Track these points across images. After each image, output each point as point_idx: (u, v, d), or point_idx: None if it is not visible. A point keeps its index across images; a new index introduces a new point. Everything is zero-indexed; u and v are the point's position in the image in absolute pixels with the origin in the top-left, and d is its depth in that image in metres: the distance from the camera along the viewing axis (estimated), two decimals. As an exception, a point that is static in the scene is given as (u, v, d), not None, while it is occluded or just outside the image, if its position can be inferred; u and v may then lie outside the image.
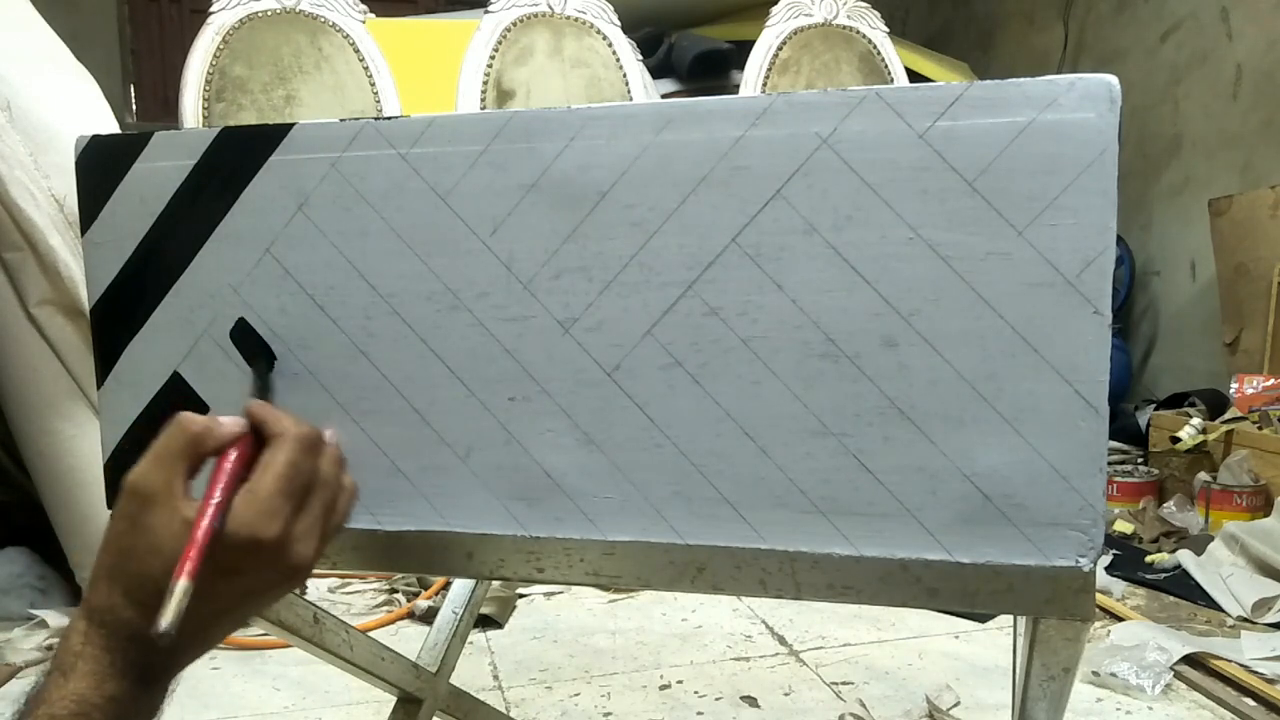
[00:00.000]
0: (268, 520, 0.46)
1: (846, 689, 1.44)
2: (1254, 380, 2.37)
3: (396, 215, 0.55)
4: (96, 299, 0.61)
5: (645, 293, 0.52)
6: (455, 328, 0.54)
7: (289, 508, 0.47)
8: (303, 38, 1.51)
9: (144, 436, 0.60)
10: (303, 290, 0.57)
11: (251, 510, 0.46)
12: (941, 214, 0.48)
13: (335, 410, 0.57)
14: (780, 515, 0.51)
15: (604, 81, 1.63)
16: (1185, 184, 3.06)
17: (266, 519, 0.46)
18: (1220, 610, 1.73)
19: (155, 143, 0.59)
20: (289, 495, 0.47)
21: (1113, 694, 1.40)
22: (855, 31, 1.72)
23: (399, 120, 0.55)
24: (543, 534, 0.54)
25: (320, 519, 0.49)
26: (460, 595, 1.12)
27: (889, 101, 0.48)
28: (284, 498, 0.47)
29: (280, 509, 0.47)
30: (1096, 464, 0.47)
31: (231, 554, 0.46)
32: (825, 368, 0.50)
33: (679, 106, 0.51)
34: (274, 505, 0.46)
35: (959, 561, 0.49)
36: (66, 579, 1.79)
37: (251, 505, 0.46)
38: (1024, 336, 0.47)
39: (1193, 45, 3.02)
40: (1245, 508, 2.08)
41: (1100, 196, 0.46)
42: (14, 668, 1.53)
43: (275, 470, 0.47)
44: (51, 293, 1.62)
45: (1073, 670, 0.58)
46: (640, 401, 0.52)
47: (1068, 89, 0.46)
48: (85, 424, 1.66)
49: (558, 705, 1.40)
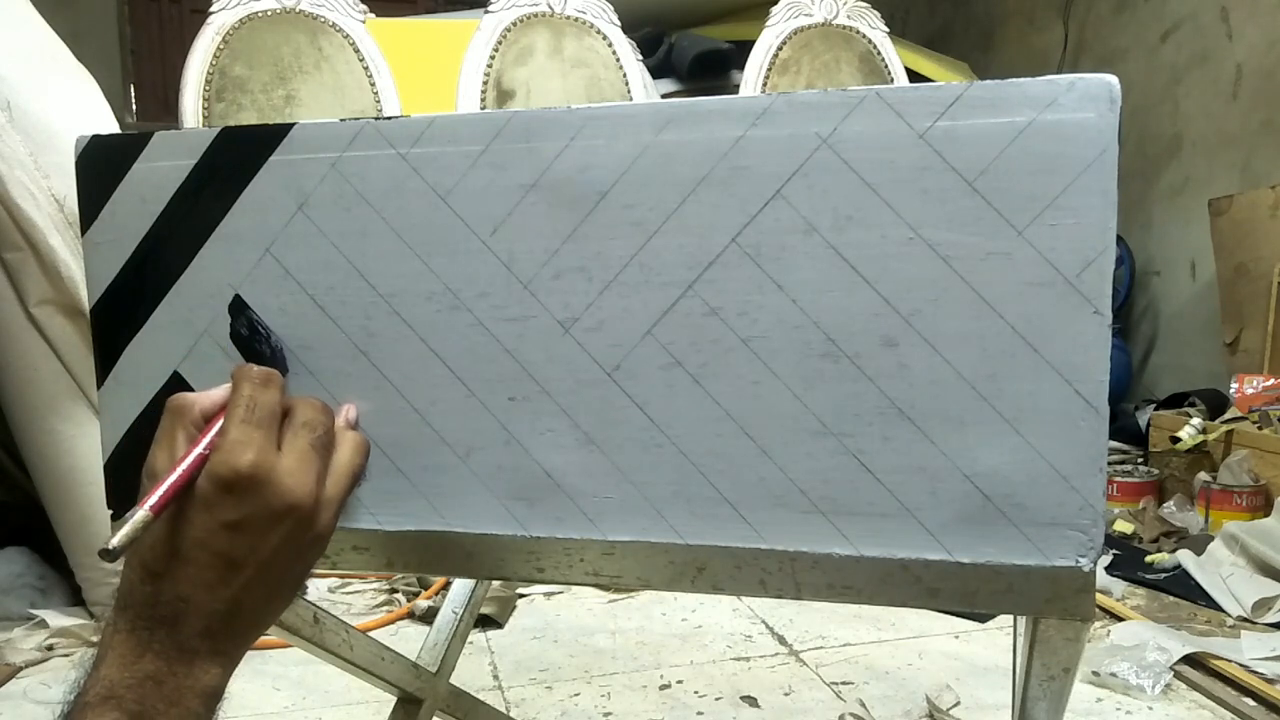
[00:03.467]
0: (237, 450, 0.46)
1: (846, 689, 1.44)
2: (1254, 380, 2.37)
3: (396, 215, 0.55)
4: (96, 299, 0.61)
5: (645, 293, 0.52)
6: (455, 328, 0.54)
7: (259, 436, 0.47)
8: (303, 38, 1.51)
9: (144, 436, 0.60)
10: (303, 290, 0.57)
11: (221, 448, 0.46)
12: (941, 214, 0.48)
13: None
14: (780, 515, 0.51)
15: (604, 81, 1.63)
16: (1185, 184, 3.06)
17: (236, 449, 0.46)
18: (1220, 610, 1.73)
19: (155, 143, 0.59)
20: (254, 425, 0.47)
21: (1113, 694, 1.40)
22: (855, 31, 1.72)
23: (399, 120, 0.55)
24: (543, 534, 0.54)
25: (311, 456, 0.49)
26: (460, 595, 1.12)
27: (889, 101, 0.48)
28: (249, 427, 0.47)
29: (249, 439, 0.47)
30: (1096, 464, 0.47)
31: (210, 487, 0.46)
32: (825, 368, 0.50)
33: (679, 106, 0.51)
34: (240, 435, 0.47)
35: (959, 561, 0.49)
36: (66, 579, 1.79)
37: (220, 444, 0.46)
38: (1024, 336, 0.47)
39: (1193, 45, 3.02)
40: (1245, 508, 2.08)
41: (1100, 196, 0.46)
42: (14, 668, 1.53)
43: (232, 405, 0.48)
44: (51, 293, 1.62)
45: (1073, 670, 0.58)
46: (640, 401, 0.52)
47: (1068, 89, 0.46)
48: (85, 424, 1.66)
49: (558, 705, 1.40)
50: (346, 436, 0.52)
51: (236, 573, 0.47)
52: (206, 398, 0.51)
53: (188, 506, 0.46)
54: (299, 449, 0.48)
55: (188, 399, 0.51)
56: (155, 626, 0.46)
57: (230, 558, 0.46)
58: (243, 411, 0.48)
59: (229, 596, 0.47)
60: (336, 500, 0.50)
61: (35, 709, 1.40)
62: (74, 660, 1.58)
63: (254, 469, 0.46)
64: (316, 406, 0.51)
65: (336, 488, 0.50)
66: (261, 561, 0.47)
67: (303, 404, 0.51)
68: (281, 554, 0.48)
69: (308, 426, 0.49)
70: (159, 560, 0.46)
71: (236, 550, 0.46)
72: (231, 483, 0.46)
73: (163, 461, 0.48)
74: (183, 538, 0.46)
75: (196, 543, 0.46)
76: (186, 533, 0.46)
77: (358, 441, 0.53)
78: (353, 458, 0.52)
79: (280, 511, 0.47)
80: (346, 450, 0.52)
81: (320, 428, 0.50)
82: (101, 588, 1.72)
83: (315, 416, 0.50)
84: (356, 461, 0.52)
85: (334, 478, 0.50)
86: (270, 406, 0.49)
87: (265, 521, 0.47)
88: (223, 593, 0.47)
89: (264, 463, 0.46)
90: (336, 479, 0.50)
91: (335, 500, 0.50)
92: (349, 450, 0.52)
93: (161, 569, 0.46)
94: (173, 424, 0.50)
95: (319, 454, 0.49)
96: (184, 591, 0.46)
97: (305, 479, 0.48)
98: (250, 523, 0.46)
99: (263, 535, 0.47)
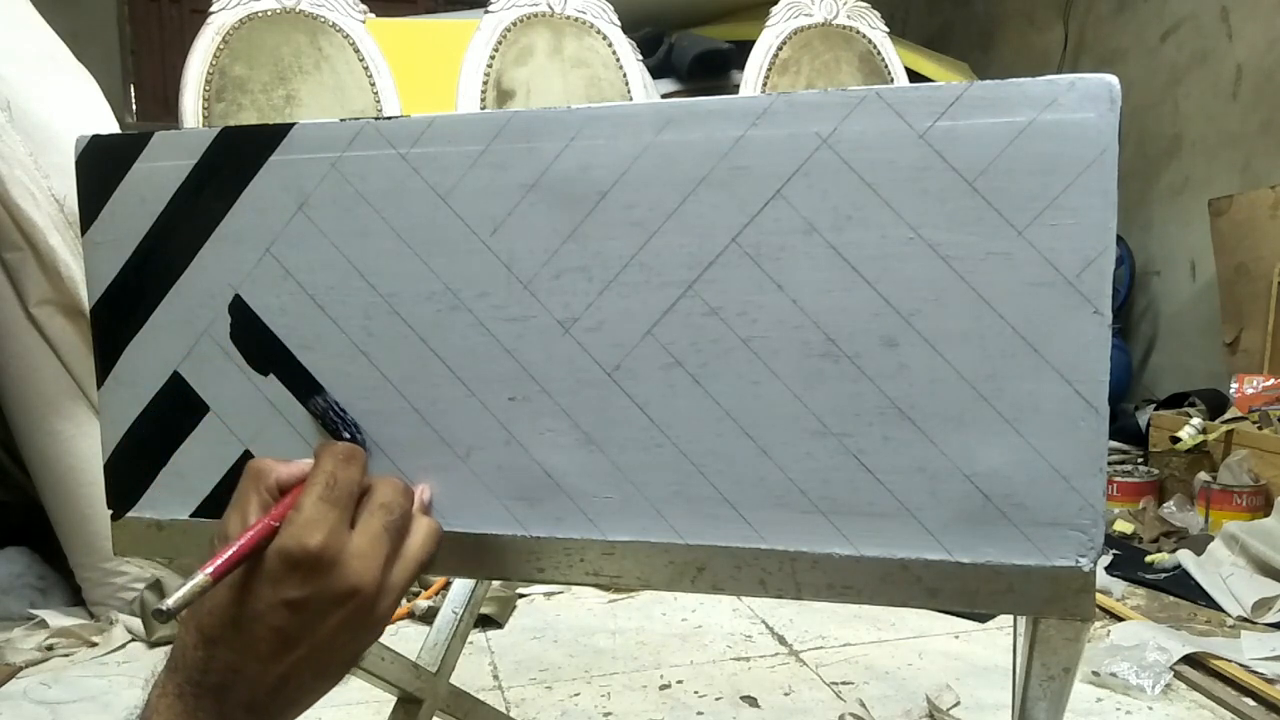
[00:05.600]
0: (310, 529, 0.45)
1: (846, 689, 1.44)
2: (1254, 380, 2.37)
3: (396, 215, 0.55)
4: (96, 299, 0.61)
5: (645, 293, 0.52)
6: (455, 328, 0.54)
7: (333, 516, 0.46)
8: (303, 38, 1.51)
9: (144, 436, 0.61)
10: (303, 290, 0.57)
11: (294, 523, 0.46)
12: (941, 214, 0.48)
13: (335, 410, 0.57)
14: (780, 515, 0.51)
15: (604, 81, 1.63)
16: (1185, 184, 3.06)
17: (308, 528, 0.45)
18: (1220, 610, 1.73)
19: (155, 143, 0.59)
20: (331, 503, 0.46)
21: (1113, 694, 1.40)
22: (855, 31, 1.72)
23: (399, 120, 0.55)
24: (543, 534, 0.54)
25: (383, 540, 0.48)
26: (460, 595, 1.12)
27: (889, 101, 0.48)
28: (326, 505, 0.46)
29: (322, 518, 0.46)
30: (1096, 464, 0.47)
31: (277, 562, 0.45)
32: (825, 368, 0.50)
33: (679, 106, 0.51)
34: (315, 513, 0.46)
35: (959, 561, 0.49)
36: (66, 579, 1.79)
37: (294, 518, 0.46)
38: (1024, 336, 0.47)
39: (1193, 45, 3.02)
40: (1245, 508, 2.08)
41: (1100, 196, 0.46)
42: (14, 668, 1.53)
43: (311, 480, 0.47)
44: (51, 293, 1.62)
45: (1073, 670, 0.58)
46: (640, 401, 0.52)
47: (1068, 89, 0.46)
48: (85, 424, 1.66)
49: (558, 705, 1.40)
50: (421, 523, 0.51)
51: (290, 650, 0.46)
52: (286, 468, 0.50)
53: (252, 577, 0.46)
54: (372, 531, 0.47)
55: (267, 465, 0.50)
56: (202, 694, 0.45)
57: (286, 634, 0.46)
58: (321, 488, 0.47)
59: (279, 673, 0.46)
60: (400, 588, 0.49)
61: (35, 709, 1.40)
62: (73, 660, 1.58)
63: (323, 549, 0.45)
64: (397, 488, 0.50)
65: (402, 575, 0.49)
66: (316, 642, 0.46)
67: (383, 484, 0.50)
68: (337, 636, 0.47)
69: (384, 508, 0.48)
70: (216, 627, 0.46)
71: (293, 628, 0.46)
72: (299, 560, 0.45)
73: (234, 525, 0.48)
74: (242, 608, 0.45)
75: (255, 615, 0.45)
76: (247, 603, 0.45)
77: (431, 529, 0.52)
78: (424, 545, 0.51)
79: (343, 595, 0.46)
80: (419, 537, 0.51)
81: (397, 510, 0.49)
82: (101, 588, 1.72)
83: (394, 499, 0.49)
84: (427, 550, 0.51)
85: (402, 564, 0.49)
86: (350, 485, 0.48)
87: (326, 603, 0.46)
88: (274, 668, 0.46)
89: (334, 544, 0.45)
90: (404, 566, 0.49)
91: (398, 588, 0.49)
92: (421, 537, 0.51)
93: (217, 635, 0.46)
94: (248, 488, 0.50)
95: (390, 538, 0.48)
96: (236, 662, 0.46)
97: (373, 564, 0.47)
98: (311, 602, 0.46)
99: (322, 616, 0.46)
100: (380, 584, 0.47)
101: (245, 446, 0.59)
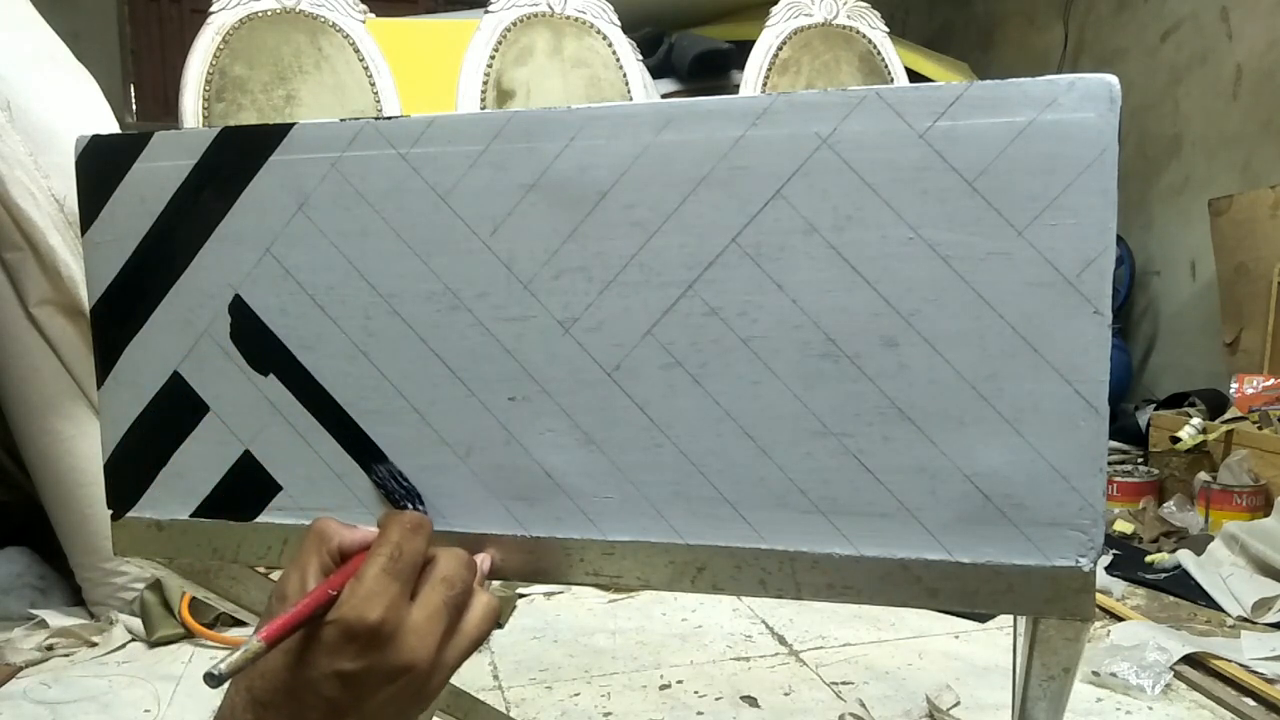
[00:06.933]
0: (370, 602, 0.45)
1: (846, 689, 1.44)
2: (1254, 380, 2.37)
3: (396, 215, 0.55)
4: (96, 299, 0.61)
5: (645, 293, 0.52)
6: (455, 328, 0.54)
7: (394, 590, 0.46)
8: (303, 38, 1.51)
9: (144, 436, 0.61)
10: (303, 290, 0.57)
11: (356, 594, 0.45)
12: (941, 214, 0.48)
13: (335, 410, 0.57)
14: (780, 515, 0.51)
15: (604, 81, 1.63)
16: (1185, 184, 3.06)
17: (369, 600, 0.45)
18: (1220, 610, 1.73)
19: (155, 143, 0.59)
20: (393, 576, 0.46)
21: (1113, 694, 1.40)
22: (855, 31, 1.72)
23: (399, 120, 0.55)
24: (543, 534, 0.54)
25: (442, 616, 0.47)
26: (460, 595, 1.12)
27: (889, 101, 0.48)
28: (388, 578, 0.46)
29: (384, 591, 0.45)
30: (1096, 464, 0.47)
31: (334, 633, 0.45)
32: (825, 368, 0.50)
33: (679, 106, 0.51)
34: (377, 586, 0.45)
35: (959, 561, 0.49)
36: (66, 579, 1.79)
37: (355, 589, 0.45)
38: (1024, 336, 0.47)
39: (1193, 45, 3.02)
40: (1245, 508, 2.08)
41: (1100, 196, 0.46)
42: (14, 668, 1.53)
43: (376, 550, 0.47)
44: (51, 293, 1.62)
45: (1073, 670, 0.58)
46: (640, 401, 0.52)
47: (1068, 89, 0.46)
48: (85, 424, 1.66)
49: (558, 705, 1.40)
50: (480, 600, 0.50)
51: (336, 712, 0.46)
52: (351, 534, 0.50)
53: (307, 645, 0.45)
54: (432, 606, 0.47)
55: (331, 527, 0.50)
56: None
57: (336, 705, 0.45)
58: (385, 560, 0.46)
59: None
60: (453, 665, 0.48)
61: (35, 709, 1.40)
62: (73, 660, 1.58)
63: (381, 624, 0.44)
64: (461, 560, 0.49)
65: (456, 652, 0.48)
66: (364, 713, 0.46)
67: (447, 556, 0.49)
68: (386, 709, 0.46)
69: (446, 582, 0.48)
70: (267, 691, 0.45)
71: (344, 700, 0.45)
72: (357, 633, 0.44)
73: (293, 586, 0.47)
74: (295, 675, 0.45)
75: (307, 683, 0.45)
76: (300, 671, 0.45)
77: (490, 607, 0.50)
78: (481, 623, 0.49)
79: (397, 671, 0.45)
80: (477, 614, 0.49)
81: (459, 584, 0.48)
82: (101, 588, 1.72)
83: (457, 572, 0.48)
84: (485, 629, 0.50)
85: (457, 641, 0.48)
86: (414, 557, 0.47)
87: (380, 677, 0.45)
88: None
89: (393, 619, 0.45)
90: (459, 644, 0.48)
91: (452, 665, 0.48)
92: (479, 615, 0.49)
93: (267, 700, 0.45)
94: (310, 550, 0.49)
95: (449, 614, 0.47)
96: None
97: (429, 640, 0.46)
98: (365, 676, 0.45)
99: (373, 690, 0.45)
100: (434, 661, 0.46)
101: (245, 446, 0.59)
